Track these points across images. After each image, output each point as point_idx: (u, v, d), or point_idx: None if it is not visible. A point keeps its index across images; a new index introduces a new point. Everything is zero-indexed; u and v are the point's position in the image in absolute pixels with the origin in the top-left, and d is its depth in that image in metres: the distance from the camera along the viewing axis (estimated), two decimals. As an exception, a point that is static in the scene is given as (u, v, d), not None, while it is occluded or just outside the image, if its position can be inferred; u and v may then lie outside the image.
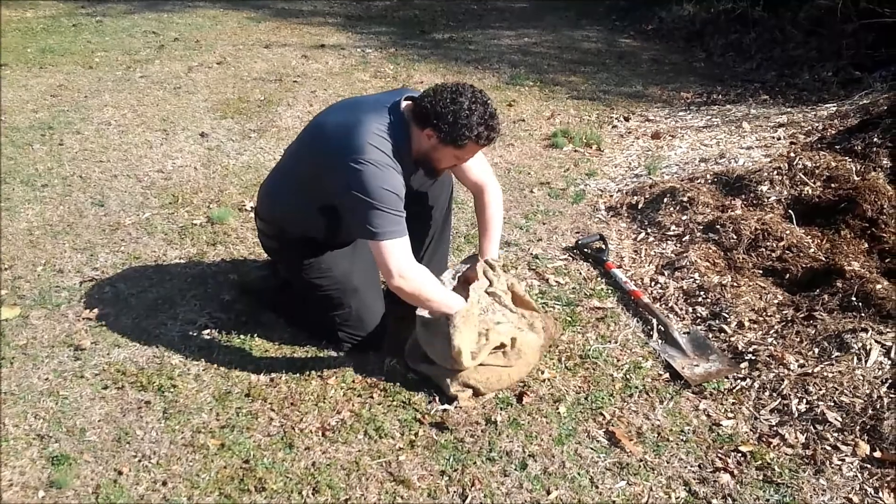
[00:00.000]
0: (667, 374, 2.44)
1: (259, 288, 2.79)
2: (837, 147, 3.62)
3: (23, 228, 3.29)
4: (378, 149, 2.11)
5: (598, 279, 2.98)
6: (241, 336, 2.60)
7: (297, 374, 2.42)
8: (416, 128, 2.17)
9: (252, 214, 3.17)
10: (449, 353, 2.21)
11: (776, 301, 2.72)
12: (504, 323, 2.36)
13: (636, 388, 2.38)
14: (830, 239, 3.00)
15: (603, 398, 2.33)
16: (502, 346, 2.30)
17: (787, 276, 2.85)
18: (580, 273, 3.03)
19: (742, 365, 2.44)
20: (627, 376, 2.43)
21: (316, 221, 2.35)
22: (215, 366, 2.45)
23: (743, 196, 3.38)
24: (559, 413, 2.27)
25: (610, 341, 2.61)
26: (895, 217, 3.00)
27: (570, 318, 2.72)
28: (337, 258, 2.43)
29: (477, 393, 2.30)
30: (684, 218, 3.29)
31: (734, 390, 2.35)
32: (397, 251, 2.13)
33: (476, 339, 2.26)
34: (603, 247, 3.14)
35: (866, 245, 2.94)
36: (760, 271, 2.90)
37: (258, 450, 2.12)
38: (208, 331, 2.64)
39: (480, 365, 2.27)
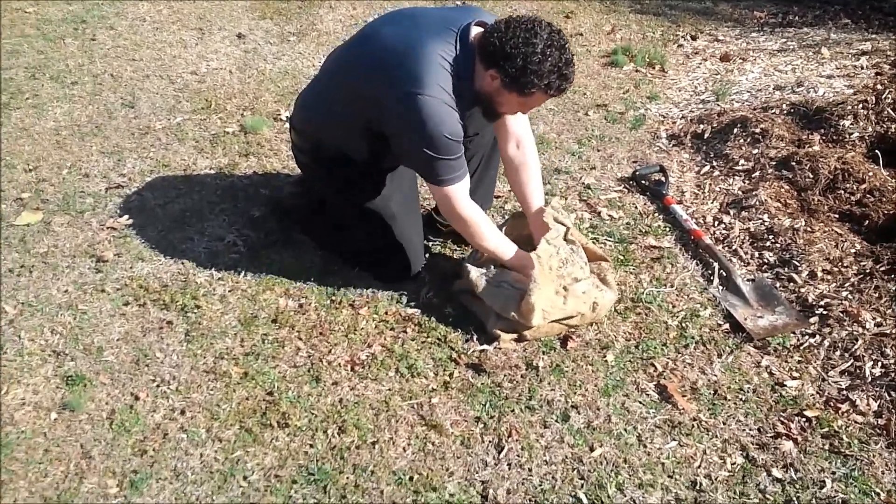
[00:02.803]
0: (727, 325, 2.24)
1: (291, 206, 2.63)
2: (932, 80, 3.26)
3: (50, 128, 3.15)
4: (439, 85, 1.90)
5: (656, 215, 2.74)
6: (271, 257, 2.46)
7: (328, 302, 2.28)
8: (481, 66, 1.93)
9: (287, 125, 2.97)
10: (518, 307, 2.05)
11: (853, 250, 2.47)
12: (583, 280, 2.13)
13: (692, 338, 2.19)
14: (919, 184, 2.71)
15: (655, 347, 2.15)
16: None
17: (867, 222, 2.59)
18: (636, 207, 2.79)
19: (812, 319, 2.23)
20: (683, 325, 2.24)
21: (358, 142, 2.14)
22: (242, 287, 2.32)
23: (822, 130, 3.06)
24: (606, 361, 2.10)
25: (665, 285, 2.40)
26: None
27: (622, 257, 2.51)
28: (375, 182, 2.24)
29: (521, 338, 2.13)
30: (755, 152, 3.00)
31: (801, 347, 2.16)
32: (458, 194, 2.07)
33: (553, 296, 2.07)
34: (662, 179, 2.89)
35: (960, 193, 2.64)
36: (837, 216, 2.65)
37: (283, 381, 2.00)
38: (236, 248, 2.50)
39: None
